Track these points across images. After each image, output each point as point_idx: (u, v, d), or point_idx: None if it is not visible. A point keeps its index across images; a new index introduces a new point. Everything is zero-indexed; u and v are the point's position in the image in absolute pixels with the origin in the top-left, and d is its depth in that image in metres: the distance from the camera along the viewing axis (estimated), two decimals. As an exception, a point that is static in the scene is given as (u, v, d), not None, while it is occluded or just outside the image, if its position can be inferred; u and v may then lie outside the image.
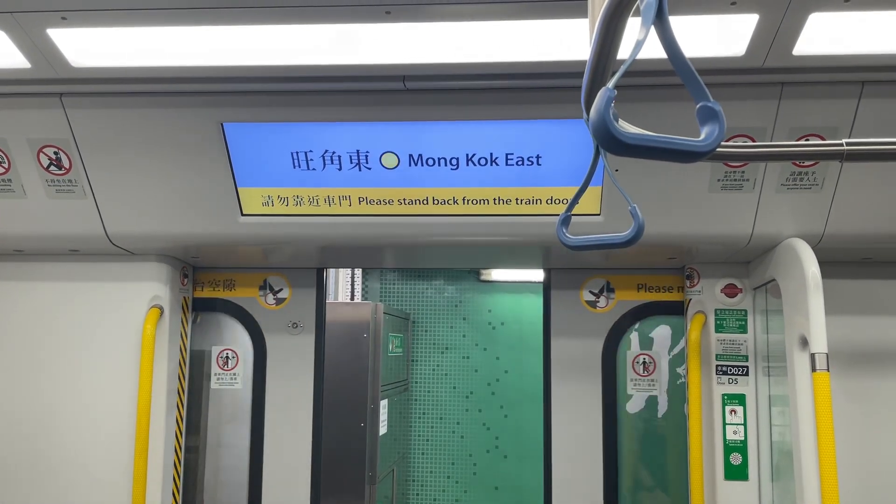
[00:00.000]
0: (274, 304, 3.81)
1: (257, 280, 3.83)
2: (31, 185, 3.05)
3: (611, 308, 3.72)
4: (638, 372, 3.72)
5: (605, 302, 3.72)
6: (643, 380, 3.72)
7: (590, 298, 3.74)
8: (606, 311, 3.72)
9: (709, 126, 0.97)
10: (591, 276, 3.74)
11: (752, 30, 2.27)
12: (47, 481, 3.42)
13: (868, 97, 2.59)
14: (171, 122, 2.85)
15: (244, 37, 2.40)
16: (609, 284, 3.73)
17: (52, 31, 2.36)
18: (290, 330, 3.79)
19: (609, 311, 3.72)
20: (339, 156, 2.94)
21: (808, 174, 2.81)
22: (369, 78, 2.63)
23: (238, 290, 3.84)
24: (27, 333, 3.50)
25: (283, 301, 3.81)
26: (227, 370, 3.85)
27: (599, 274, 3.74)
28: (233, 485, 3.90)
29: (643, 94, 2.63)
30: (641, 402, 3.74)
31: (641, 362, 3.72)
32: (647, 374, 3.72)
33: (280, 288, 3.82)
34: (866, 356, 3.30)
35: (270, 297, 3.82)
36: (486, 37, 2.36)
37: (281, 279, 3.82)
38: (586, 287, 3.74)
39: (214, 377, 3.86)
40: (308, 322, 3.80)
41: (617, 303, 3.72)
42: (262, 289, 3.83)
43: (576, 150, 2.87)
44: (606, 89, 0.94)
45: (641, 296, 3.71)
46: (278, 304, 3.81)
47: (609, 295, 3.73)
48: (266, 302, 3.82)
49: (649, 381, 3.72)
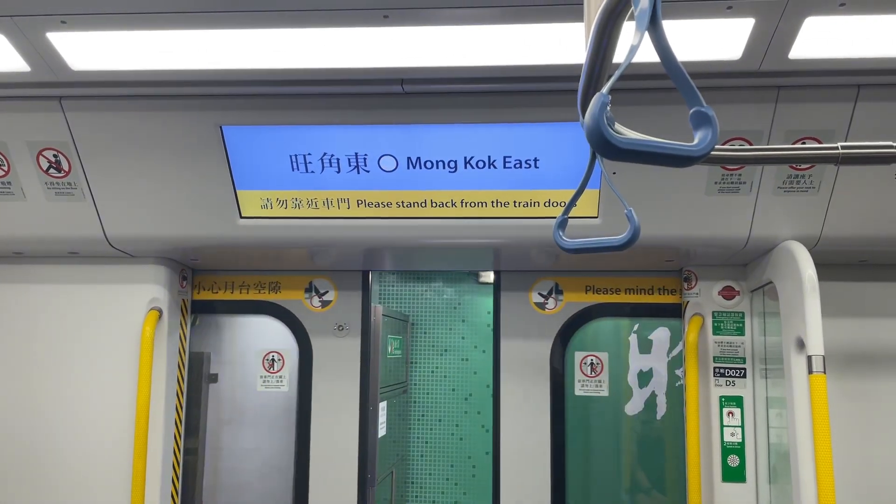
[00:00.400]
0: (320, 307, 3.81)
1: (303, 282, 3.82)
2: (31, 188, 3.06)
3: (559, 309, 3.74)
4: (585, 373, 3.74)
5: (554, 304, 3.75)
6: (591, 381, 3.74)
7: (539, 300, 3.76)
8: (555, 313, 3.75)
9: (702, 131, 0.98)
10: (540, 278, 3.77)
11: (748, 34, 2.28)
12: (46, 482, 3.43)
13: (864, 100, 2.60)
14: (170, 125, 2.86)
15: (243, 40, 2.41)
16: (558, 286, 3.76)
17: (51, 34, 2.38)
18: (335, 332, 3.78)
19: (558, 312, 3.74)
20: (338, 158, 2.95)
21: (805, 177, 2.82)
22: (368, 81, 2.64)
23: (283, 292, 3.83)
24: (26, 335, 3.50)
25: (329, 304, 3.81)
26: (273, 373, 3.84)
27: (548, 276, 3.76)
28: (232, 487, 3.91)
29: (641, 98, 2.64)
30: (641, 403, 3.75)
31: (589, 363, 3.75)
32: (594, 374, 3.74)
33: (325, 290, 3.81)
34: (863, 358, 3.31)
35: (316, 299, 3.81)
36: (484, 41, 2.37)
37: (326, 282, 3.81)
38: (535, 289, 3.76)
39: (260, 380, 3.85)
40: (353, 324, 3.80)
41: (565, 304, 3.74)
42: (307, 291, 3.82)
43: (573, 153, 2.88)
44: (600, 95, 0.95)
45: (590, 297, 3.73)
46: (324, 307, 3.81)
47: (558, 297, 3.75)
48: (312, 304, 3.81)
49: (597, 382, 3.74)
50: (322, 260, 3.61)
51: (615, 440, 3.82)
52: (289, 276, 3.83)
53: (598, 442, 3.81)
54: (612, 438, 3.82)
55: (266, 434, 4.09)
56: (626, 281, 3.71)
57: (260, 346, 4.18)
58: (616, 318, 3.80)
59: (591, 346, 3.80)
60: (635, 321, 3.81)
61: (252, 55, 2.50)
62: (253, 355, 4.19)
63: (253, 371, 4.18)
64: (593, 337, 3.84)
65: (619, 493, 3.82)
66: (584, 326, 3.78)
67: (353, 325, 3.78)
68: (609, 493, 3.81)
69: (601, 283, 3.73)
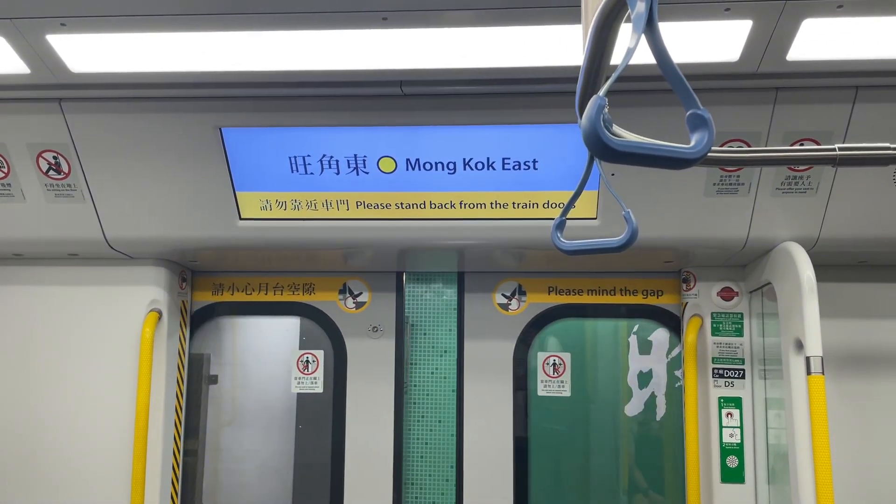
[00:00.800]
0: (353, 308, 3.80)
1: (337, 284, 3.81)
2: (31, 190, 3.06)
3: (522, 310, 3.75)
4: (548, 373, 3.75)
5: (517, 304, 3.75)
6: (553, 381, 3.74)
7: (502, 301, 3.76)
8: (518, 314, 3.75)
9: (698, 133, 0.98)
10: (503, 279, 3.77)
11: (745, 36, 2.28)
12: (45, 484, 3.43)
13: (862, 102, 2.61)
14: (169, 127, 2.86)
15: (242, 43, 2.42)
16: (521, 287, 3.76)
17: (51, 36, 2.38)
18: (370, 334, 3.77)
19: (520, 313, 3.75)
20: (337, 160, 2.95)
21: (803, 178, 2.83)
22: (367, 83, 2.65)
23: (317, 293, 3.82)
24: (26, 337, 3.51)
25: (363, 305, 3.80)
26: (308, 374, 3.84)
27: (511, 277, 3.77)
28: (231, 488, 3.91)
29: (639, 99, 2.64)
30: (640, 405, 3.75)
31: (551, 364, 3.75)
32: (556, 375, 3.74)
33: (360, 292, 3.80)
34: (861, 359, 3.32)
35: (350, 300, 3.81)
36: (483, 42, 2.37)
37: (360, 283, 3.80)
38: (499, 290, 3.77)
39: (295, 381, 3.84)
40: (388, 326, 3.79)
41: (528, 305, 3.75)
42: (341, 292, 3.81)
43: (572, 155, 2.88)
44: (597, 97, 0.95)
45: (552, 298, 3.74)
46: (358, 308, 3.80)
47: (521, 298, 3.76)
48: (346, 306, 3.81)
49: (559, 383, 3.74)
50: (356, 261, 3.60)
51: (582, 441, 3.82)
52: (323, 277, 3.82)
53: (563, 443, 3.82)
54: (578, 439, 3.82)
55: (266, 436, 4.09)
56: (588, 282, 3.72)
57: (259, 347, 4.18)
58: (579, 319, 3.82)
59: (575, 346, 3.82)
60: (601, 321, 3.84)
61: (251, 57, 2.51)
62: (252, 356, 4.19)
63: (253, 372, 4.18)
64: (577, 336, 3.86)
65: (587, 495, 3.82)
66: (552, 326, 3.79)
67: (387, 327, 3.77)
68: (574, 494, 3.81)
69: (564, 284, 3.74)
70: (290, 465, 3.95)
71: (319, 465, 3.92)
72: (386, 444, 3.69)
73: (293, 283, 3.83)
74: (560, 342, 3.79)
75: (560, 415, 3.78)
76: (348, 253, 3.40)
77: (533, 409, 3.75)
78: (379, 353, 3.74)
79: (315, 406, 3.94)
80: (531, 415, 3.73)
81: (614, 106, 1.21)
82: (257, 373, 4.17)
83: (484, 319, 3.75)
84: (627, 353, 3.80)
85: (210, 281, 3.86)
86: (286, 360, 3.99)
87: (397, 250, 3.34)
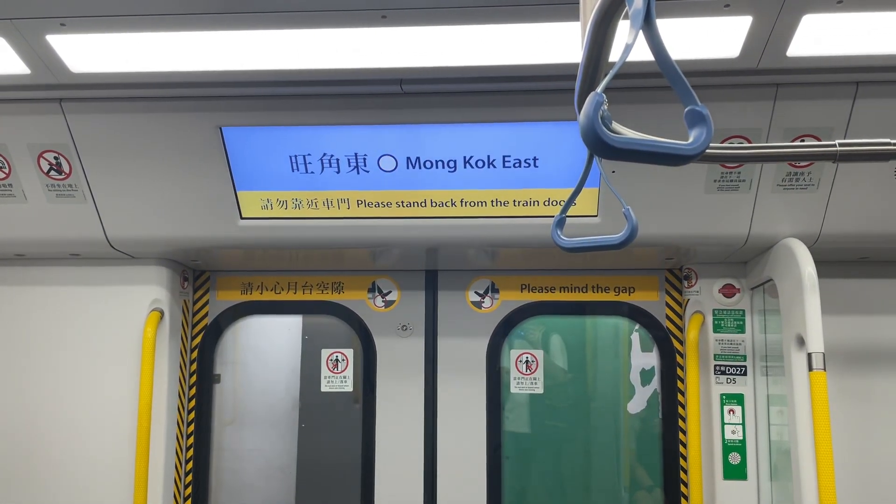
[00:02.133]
0: (383, 307, 3.80)
1: (366, 283, 3.81)
2: (32, 190, 3.07)
3: (495, 308, 3.75)
4: (521, 370, 3.75)
5: (490, 302, 3.75)
6: (526, 378, 3.74)
7: (475, 299, 3.76)
8: (491, 311, 3.75)
9: (697, 129, 0.98)
10: (476, 277, 3.77)
11: (745, 31, 2.28)
12: (47, 483, 3.43)
13: (863, 97, 2.60)
14: (170, 126, 2.86)
15: (242, 42, 2.42)
16: (494, 285, 3.76)
17: (51, 37, 2.38)
18: (399, 332, 3.76)
19: (494, 311, 3.75)
20: (338, 159, 2.95)
21: (804, 174, 2.82)
22: (367, 81, 2.65)
23: (346, 292, 3.81)
24: (28, 337, 3.51)
25: (392, 304, 3.79)
26: (338, 373, 3.84)
27: (484, 275, 3.77)
28: (238, 486, 3.91)
29: (639, 96, 2.64)
30: (643, 402, 3.75)
31: (524, 361, 3.75)
32: (529, 372, 3.74)
33: (389, 290, 3.80)
34: (863, 355, 3.31)
35: (379, 299, 3.80)
36: (482, 40, 2.37)
37: (389, 282, 3.80)
38: (472, 287, 3.77)
39: (324, 380, 3.84)
40: (417, 325, 3.78)
41: (501, 303, 3.75)
42: (370, 291, 3.81)
43: (573, 152, 2.88)
44: (595, 94, 0.95)
45: (525, 296, 3.74)
46: (387, 307, 3.79)
47: (494, 295, 3.76)
48: (375, 304, 3.80)
49: (532, 380, 3.74)
50: (384, 260, 3.60)
51: (556, 435, 3.82)
52: (352, 276, 3.81)
53: (537, 439, 3.83)
54: (554, 433, 3.82)
55: (269, 434, 4.09)
56: (561, 280, 3.73)
57: (261, 345, 4.18)
58: (552, 316, 3.83)
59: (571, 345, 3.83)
60: (573, 318, 3.86)
61: (251, 56, 2.51)
62: (255, 355, 4.20)
63: (255, 372, 4.19)
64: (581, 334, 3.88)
65: (560, 487, 3.83)
66: (551, 321, 3.82)
67: (416, 326, 3.77)
68: (548, 486, 3.82)
69: (536, 282, 3.75)
70: (292, 463, 3.96)
71: (324, 464, 3.93)
72: (416, 444, 3.67)
73: (322, 282, 3.82)
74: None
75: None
76: (376, 252, 3.39)
77: (507, 407, 3.76)
78: (408, 352, 3.74)
79: (324, 405, 3.94)
80: (504, 412, 3.74)
81: (613, 103, 1.21)
82: (259, 372, 4.17)
83: (457, 317, 3.75)
84: (629, 350, 3.81)
85: (238, 280, 3.86)
86: (289, 360, 4.00)
87: (424, 249, 3.32)
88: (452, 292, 3.77)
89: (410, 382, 3.72)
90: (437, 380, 3.71)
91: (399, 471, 3.67)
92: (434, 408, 3.70)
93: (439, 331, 3.76)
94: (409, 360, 3.73)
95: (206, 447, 3.81)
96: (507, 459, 3.73)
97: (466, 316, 3.75)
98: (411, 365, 3.73)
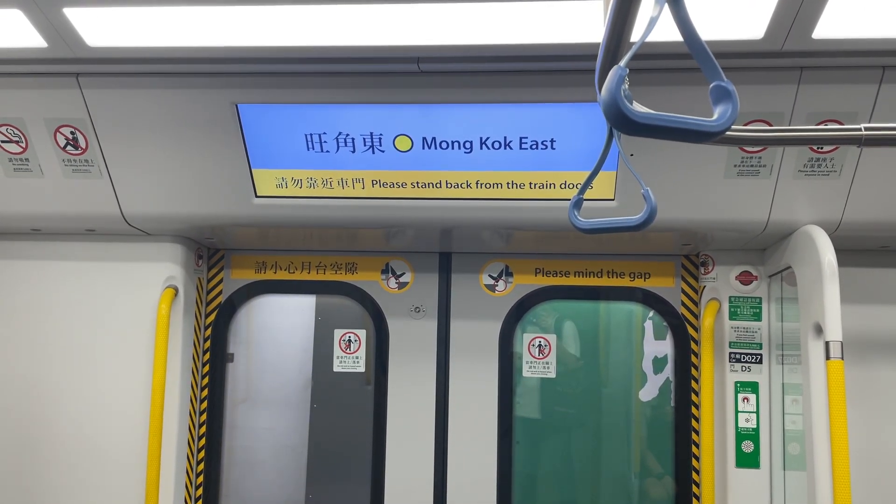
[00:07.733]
0: (396, 288, 3.80)
1: (379, 264, 3.81)
2: (48, 165, 3.07)
3: (509, 291, 3.73)
4: (533, 354, 3.74)
5: (504, 286, 3.74)
6: (538, 362, 3.73)
7: (489, 282, 3.75)
8: (504, 295, 3.73)
9: (722, 105, 0.95)
10: (490, 261, 3.76)
11: (771, 12, 2.23)
12: (61, 460, 3.47)
13: (889, 82, 2.54)
14: (186, 102, 2.85)
15: (259, 17, 2.40)
16: (508, 268, 3.75)
17: (68, 10, 2.37)
18: (412, 314, 3.77)
19: (507, 294, 3.73)
20: (353, 138, 2.94)
21: (827, 160, 2.77)
22: (383, 59, 2.62)
23: (360, 273, 3.82)
24: (43, 311, 3.54)
25: (406, 285, 3.80)
26: (350, 353, 3.85)
27: (498, 258, 3.75)
28: (250, 464, 3.94)
29: (657, 78, 2.60)
30: (655, 390, 3.74)
31: (537, 345, 3.74)
32: (542, 356, 3.73)
33: (402, 272, 3.80)
34: (882, 345, 3.27)
35: (392, 280, 3.81)
36: (501, 18, 2.34)
37: (403, 263, 3.80)
38: (486, 271, 3.75)
39: (337, 360, 3.86)
40: (430, 306, 3.78)
41: (515, 286, 3.73)
42: (384, 272, 3.81)
43: (590, 134, 2.84)
44: (618, 67, 0.93)
45: (539, 280, 3.73)
46: (401, 288, 3.80)
47: (507, 279, 3.74)
48: (388, 286, 3.81)
49: (544, 364, 3.73)
50: (398, 241, 3.59)
51: (566, 421, 3.82)
52: (365, 257, 3.81)
53: (548, 425, 3.82)
54: (564, 419, 3.82)
55: (281, 413, 4.11)
56: (576, 264, 3.71)
57: (275, 324, 4.19)
58: (565, 301, 3.81)
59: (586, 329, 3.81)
60: (585, 306, 3.84)
61: (268, 33, 2.49)
62: (268, 334, 4.21)
63: (268, 350, 4.20)
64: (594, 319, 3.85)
65: (570, 473, 3.83)
66: (532, 308, 3.79)
67: (429, 307, 3.77)
68: (558, 472, 3.82)
69: (551, 266, 3.73)
70: (303, 442, 3.98)
71: (335, 444, 3.94)
72: (427, 424, 3.69)
73: (335, 262, 3.83)
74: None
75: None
76: (390, 232, 3.38)
77: (518, 391, 3.76)
78: (421, 334, 3.74)
79: (336, 385, 3.95)
80: (516, 396, 3.74)
81: (634, 85, 1.19)
82: (272, 351, 4.19)
83: (470, 300, 3.74)
84: (642, 338, 3.78)
85: (252, 259, 3.87)
86: (302, 340, 4.00)
87: (438, 230, 3.31)
88: (466, 275, 3.77)
89: (422, 364, 3.72)
90: (450, 362, 3.71)
91: (409, 452, 3.68)
92: (446, 390, 3.70)
93: (452, 313, 3.75)
94: (422, 342, 3.73)
95: (219, 425, 3.85)
96: (518, 444, 3.73)
97: (479, 299, 3.74)
98: (423, 347, 3.73)
